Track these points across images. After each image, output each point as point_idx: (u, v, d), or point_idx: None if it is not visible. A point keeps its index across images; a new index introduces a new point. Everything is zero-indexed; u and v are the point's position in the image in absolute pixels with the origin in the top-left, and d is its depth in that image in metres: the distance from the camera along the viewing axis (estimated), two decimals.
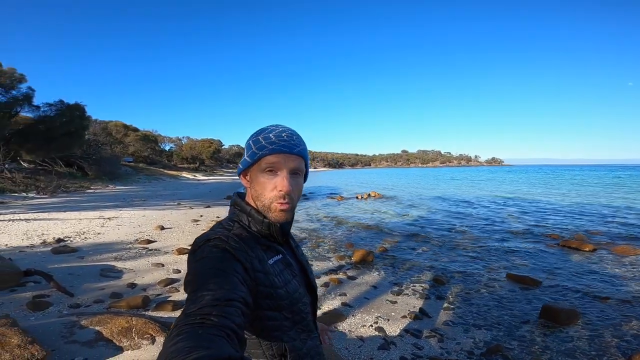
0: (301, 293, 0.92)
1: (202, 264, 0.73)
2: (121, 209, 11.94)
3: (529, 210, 13.33)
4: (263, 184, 0.86)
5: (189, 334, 0.54)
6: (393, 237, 8.34)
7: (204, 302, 0.62)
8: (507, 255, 6.60)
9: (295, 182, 0.88)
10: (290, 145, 0.86)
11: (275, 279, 0.84)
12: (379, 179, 46.70)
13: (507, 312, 3.95)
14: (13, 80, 17.76)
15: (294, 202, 0.89)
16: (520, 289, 4.67)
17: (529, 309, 4.00)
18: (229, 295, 0.65)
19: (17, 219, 8.79)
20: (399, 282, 4.95)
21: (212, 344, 0.52)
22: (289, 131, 0.90)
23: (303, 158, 0.90)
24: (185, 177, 41.06)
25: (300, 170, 0.89)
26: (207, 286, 0.66)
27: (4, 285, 3.62)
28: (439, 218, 11.55)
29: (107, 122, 42.29)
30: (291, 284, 0.89)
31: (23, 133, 19.17)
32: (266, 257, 0.85)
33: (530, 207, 14.30)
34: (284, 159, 0.85)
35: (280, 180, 0.85)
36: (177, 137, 72.04)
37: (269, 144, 0.85)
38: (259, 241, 0.87)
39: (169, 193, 19.90)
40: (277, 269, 0.86)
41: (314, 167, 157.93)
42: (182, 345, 0.51)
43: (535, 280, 4.89)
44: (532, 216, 11.69)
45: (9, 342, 1.71)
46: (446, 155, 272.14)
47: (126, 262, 5.33)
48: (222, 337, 0.55)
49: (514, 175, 56.06)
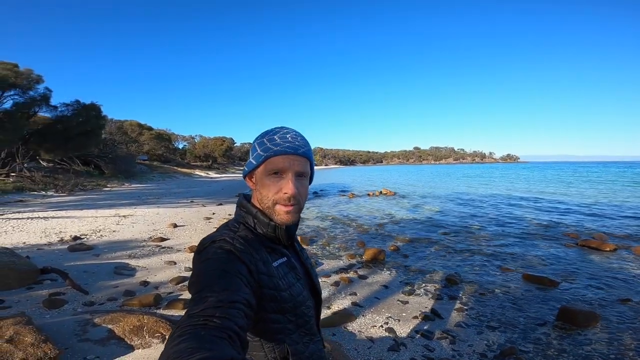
0: (305, 296, 0.91)
1: (207, 265, 0.73)
2: (136, 206, 12.16)
3: (546, 208, 13.01)
4: (268, 186, 0.86)
5: (191, 335, 0.54)
6: (405, 235, 8.25)
7: (207, 304, 0.62)
8: (523, 255, 6.44)
9: (301, 184, 0.88)
10: (295, 146, 0.86)
11: (279, 281, 0.84)
12: (391, 177, 46.34)
13: (523, 313, 3.85)
14: (30, 81, 18.19)
15: (300, 204, 0.88)
16: (537, 290, 4.56)
17: (546, 311, 3.90)
18: (233, 297, 0.65)
19: (36, 217, 9.05)
20: (410, 281, 4.89)
21: (214, 346, 0.52)
22: (294, 133, 0.90)
23: (308, 159, 0.90)
24: (198, 175, 41.60)
25: (305, 172, 0.89)
26: (211, 288, 0.66)
27: (21, 283, 3.72)
28: (452, 216, 11.39)
29: (122, 122, 43.13)
30: (295, 287, 0.88)
31: (41, 133, 19.67)
32: (271, 259, 0.85)
33: (547, 205, 13.97)
34: (289, 161, 0.85)
35: (285, 182, 0.85)
36: (190, 135, 73.09)
37: (274, 146, 0.85)
38: (264, 243, 0.87)
39: (182, 191, 20.19)
40: (281, 272, 0.86)
41: (325, 165, 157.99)
42: (184, 346, 0.51)
43: (552, 280, 4.76)
44: (549, 215, 11.41)
45: (22, 341, 1.75)
46: (459, 152, 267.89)
47: (140, 259, 5.41)
48: (224, 339, 0.55)
49: (528, 172, 54.80)
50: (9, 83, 16.86)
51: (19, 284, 3.68)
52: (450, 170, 72.63)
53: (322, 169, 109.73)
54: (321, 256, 6.18)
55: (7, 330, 1.78)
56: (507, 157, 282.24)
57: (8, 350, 1.64)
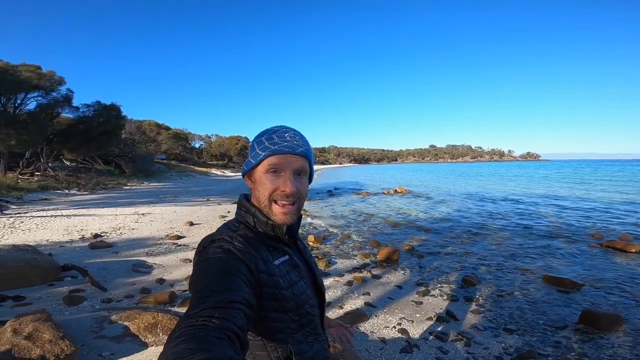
0: (308, 295, 0.90)
1: (207, 265, 0.73)
2: (154, 205, 12.43)
3: (568, 207, 12.61)
4: (266, 185, 0.86)
5: (190, 336, 0.54)
6: (420, 234, 8.14)
7: (207, 304, 0.62)
8: (543, 256, 6.26)
9: (300, 182, 0.87)
10: (293, 145, 0.86)
11: (280, 280, 0.83)
12: (406, 175, 45.86)
13: (543, 316, 3.74)
14: (53, 82, 18.83)
15: (299, 202, 0.88)
16: (558, 292, 4.42)
17: (567, 314, 3.78)
18: (232, 297, 0.65)
19: (59, 215, 9.36)
20: (425, 282, 4.81)
21: (213, 346, 0.52)
22: (292, 132, 0.90)
23: (307, 158, 0.89)
24: (214, 174, 42.22)
25: (304, 170, 0.89)
26: (210, 288, 0.66)
27: (43, 280, 3.85)
28: (469, 215, 11.16)
29: (141, 122, 44.19)
30: (298, 285, 0.88)
31: (64, 133, 20.36)
32: (272, 258, 0.85)
33: (569, 204, 13.53)
34: (287, 160, 0.85)
35: (283, 181, 0.85)
36: (206, 134, 74.28)
37: (271, 145, 0.85)
38: (264, 242, 0.86)
39: (198, 189, 20.52)
40: (282, 270, 0.86)
41: (339, 163, 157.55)
42: (183, 347, 0.51)
43: (575, 283, 4.60)
44: (571, 214, 11.06)
45: (41, 337, 1.81)
46: (477, 150, 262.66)
47: (156, 257, 5.53)
48: (223, 339, 0.55)
49: (548, 170, 53.15)
50: (32, 85, 17.50)
51: (41, 281, 3.81)
52: (465, 169, 71.24)
53: (336, 167, 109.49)
54: (334, 255, 6.16)
55: (27, 327, 1.85)
56: (527, 155, 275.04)
57: (26, 346, 1.70)
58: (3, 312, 2.93)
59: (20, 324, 1.86)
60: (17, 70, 17.16)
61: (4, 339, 1.71)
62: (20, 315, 2.02)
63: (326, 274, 5.03)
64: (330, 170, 70.30)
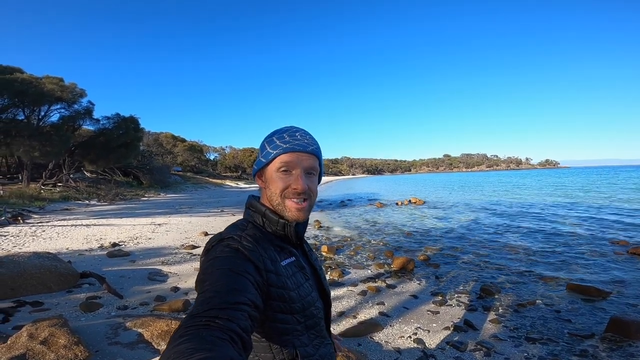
0: (314, 297, 0.90)
1: (214, 264, 0.73)
2: (170, 215, 12.64)
3: (590, 215, 12.16)
4: (278, 183, 0.86)
5: (193, 335, 0.54)
6: (436, 244, 7.97)
7: (211, 304, 0.62)
8: (566, 264, 6.04)
9: (310, 181, 0.89)
10: (303, 144, 0.88)
11: (288, 280, 0.83)
12: (420, 185, 45.32)
13: (567, 325, 3.59)
14: (75, 95, 19.54)
15: (310, 200, 0.89)
16: (583, 301, 4.26)
17: (594, 322, 3.63)
18: (238, 298, 0.65)
19: (79, 225, 9.62)
20: (441, 291, 4.69)
21: (214, 347, 0.52)
22: (302, 131, 0.92)
23: (317, 157, 0.91)
24: (228, 185, 42.73)
25: (314, 169, 0.90)
26: (216, 287, 0.66)
27: (61, 287, 3.93)
28: (486, 225, 10.90)
29: (158, 134, 45.33)
30: (303, 287, 0.87)
31: (85, 145, 21.05)
32: (279, 258, 0.85)
33: (591, 211, 13.05)
34: (298, 158, 0.86)
35: (295, 179, 0.86)
36: (220, 146, 75.66)
37: (283, 143, 0.87)
38: (272, 242, 0.86)
39: (213, 201, 20.78)
40: (289, 271, 0.86)
41: (352, 174, 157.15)
42: (185, 346, 0.51)
43: (601, 291, 4.43)
44: (593, 222, 10.66)
45: (56, 342, 1.83)
46: (493, 159, 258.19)
47: (172, 266, 5.58)
48: (226, 340, 0.55)
49: (567, 177, 51.59)
50: (55, 97, 18.19)
51: (59, 287, 3.90)
52: (480, 179, 69.83)
53: (349, 178, 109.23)
54: (348, 265, 6.09)
55: (43, 332, 1.88)
56: (545, 162, 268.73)
57: (40, 351, 1.72)
58: (21, 317, 3.00)
59: (36, 329, 1.90)
60: (41, 82, 17.88)
61: (19, 343, 1.74)
62: (37, 321, 2.06)
63: (340, 283, 4.96)
64: (343, 182, 70.16)
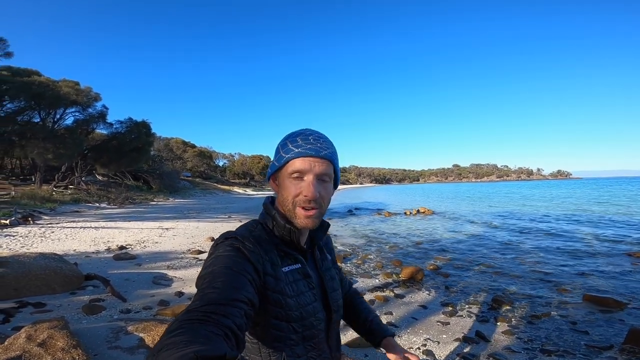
0: (315, 307, 0.87)
1: (215, 261, 0.75)
2: (178, 220, 12.67)
3: (604, 226, 11.84)
4: (289, 189, 0.85)
5: (188, 329, 0.55)
6: (445, 254, 7.80)
7: (208, 300, 0.63)
8: (581, 275, 5.88)
9: (323, 187, 0.85)
10: (317, 148, 0.84)
11: (286, 287, 0.82)
12: (429, 195, 44.87)
13: (584, 337, 3.45)
14: (90, 98, 19.92)
15: (321, 208, 0.86)
16: (600, 312, 4.12)
17: (612, 334, 3.49)
18: (235, 295, 0.66)
19: (88, 227, 9.67)
20: (451, 302, 4.55)
21: (209, 341, 0.53)
22: (317, 134, 0.89)
23: (331, 162, 0.87)
24: (236, 192, 42.92)
25: (328, 175, 0.86)
26: (214, 284, 0.68)
27: (65, 288, 3.90)
28: (497, 235, 10.66)
29: (169, 139, 45.92)
30: (304, 295, 0.86)
31: (98, 148, 21.37)
32: (281, 263, 0.85)
33: (606, 223, 12.70)
34: (311, 163, 0.83)
35: (306, 185, 0.83)
36: (229, 153, 76.45)
37: (295, 148, 0.85)
38: (278, 246, 0.86)
39: (221, 207, 20.83)
40: (290, 278, 0.85)
41: (360, 183, 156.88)
42: (179, 338, 0.51)
43: (618, 302, 4.29)
44: (608, 232, 10.39)
45: (54, 345, 1.77)
46: (503, 169, 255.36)
47: (177, 270, 5.53)
48: (220, 335, 0.56)
49: (581, 189, 50.52)
50: (71, 100, 18.56)
51: (63, 289, 3.86)
52: (487, 190, 68.92)
53: (356, 187, 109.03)
54: (355, 274, 5.97)
55: (41, 334, 1.82)
56: (557, 173, 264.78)
57: (37, 353, 1.66)
58: (22, 318, 2.96)
59: (35, 331, 1.84)
60: (57, 85, 18.27)
61: (16, 345, 1.69)
62: (37, 322, 2.01)
63: None
64: (350, 191, 70.00)
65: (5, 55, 16.20)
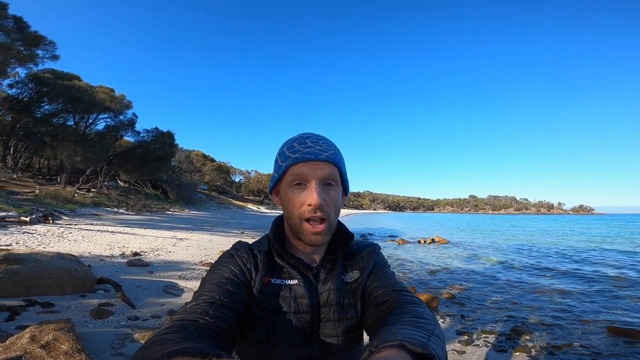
0: (292, 334, 0.76)
1: (213, 268, 0.81)
2: (192, 231, 12.74)
3: (630, 260, 11.36)
4: (291, 200, 0.77)
5: (181, 328, 0.57)
6: (461, 283, 7.49)
7: (201, 301, 0.67)
8: (605, 307, 5.64)
9: (328, 193, 0.76)
10: (316, 151, 0.76)
11: (261, 296, 0.78)
12: (444, 224, 43.90)
13: None
14: (122, 106, 20.72)
15: (329, 218, 0.76)
16: (625, 344, 3.91)
17: None
18: (228, 297, 0.70)
19: (105, 231, 9.82)
20: (467, 331, 4.34)
21: (200, 340, 0.54)
22: (314, 137, 0.81)
23: (335, 164, 0.77)
24: (250, 209, 43.12)
25: (333, 178, 0.77)
26: (209, 288, 0.72)
27: (76, 290, 3.89)
28: (516, 266, 10.23)
29: (190, 151, 47.04)
30: (281, 315, 0.77)
31: (124, 155, 22.04)
32: (271, 276, 0.81)
33: (630, 257, 12.16)
34: (311, 168, 0.75)
35: (308, 192, 0.74)
36: (246, 169, 77.47)
37: (292, 154, 0.77)
38: (272, 260, 0.84)
39: (235, 222, 20.90)
40: (269, 291, 0.79)
41: (374, 209, 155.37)
42: (172, 336, 0.53)
43: None
44: (631, 265, 10.08)
45: (58, 348, 1.71)
46: (522, 202, 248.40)
47: (188, 281, 5.48)
48: (212, 337, 0.58)
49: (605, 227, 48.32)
50: (105, 106, 19.35)
51: (74, 291, 3.85)
52: (504, 222, 66.87)
53: (370, 213, 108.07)
54: None
55: (46, 336, 1.77)
56: (579, 208, 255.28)
57: (39, 355, 1.61)
58: (27, 317, 2.93)
59: (40, 332, 1.80)
60: (94, 91, 19.11)
61: (18, 345, 1.64)
62: (44, 323, 1.97)
63: None
64: (363, 216, 69.27)
65: (52, 57, 17.00)
